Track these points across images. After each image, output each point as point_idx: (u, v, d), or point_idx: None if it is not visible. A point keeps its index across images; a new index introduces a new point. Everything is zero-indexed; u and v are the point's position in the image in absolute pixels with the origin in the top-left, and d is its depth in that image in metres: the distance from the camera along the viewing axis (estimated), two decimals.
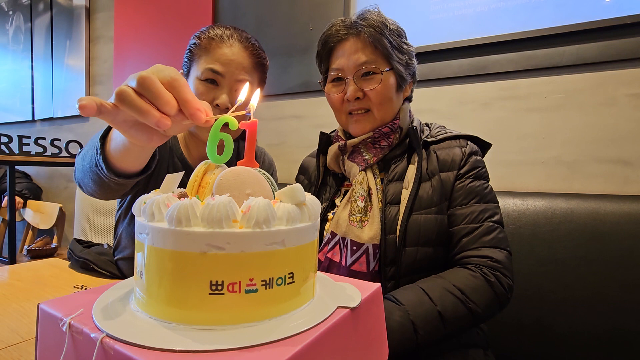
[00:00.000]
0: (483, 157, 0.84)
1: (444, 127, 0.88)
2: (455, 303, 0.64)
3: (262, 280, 0.30)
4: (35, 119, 2.92)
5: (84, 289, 0.73)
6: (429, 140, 0.81)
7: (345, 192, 0.83)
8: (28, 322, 0.56)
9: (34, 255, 2.10)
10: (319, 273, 0.43)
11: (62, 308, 0.33)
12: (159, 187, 0.39)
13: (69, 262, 0.90)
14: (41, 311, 0.34)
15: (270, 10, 1.78)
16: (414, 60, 0.84)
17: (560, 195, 1.07)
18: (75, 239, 0.96)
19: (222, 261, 0.29)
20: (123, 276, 0.87)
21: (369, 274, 0.73)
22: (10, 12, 3.04)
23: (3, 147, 2.08)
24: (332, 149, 0.86)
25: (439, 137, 0.82)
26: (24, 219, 2.54)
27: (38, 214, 2.44)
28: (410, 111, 0.87)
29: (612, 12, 1.11)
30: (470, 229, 0.73)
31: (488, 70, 1.29)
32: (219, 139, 0.38)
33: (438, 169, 0.78)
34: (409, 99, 0.88)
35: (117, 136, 0.54)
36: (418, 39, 1.38)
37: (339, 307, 0.35)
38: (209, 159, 0.38)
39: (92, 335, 0.28)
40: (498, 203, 0.79)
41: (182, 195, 0.35)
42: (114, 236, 0.93)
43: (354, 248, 0.74)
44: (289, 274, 0.32)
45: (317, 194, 0.88)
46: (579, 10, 1.15)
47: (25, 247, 2.29)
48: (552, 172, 1.21)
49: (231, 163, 0.36)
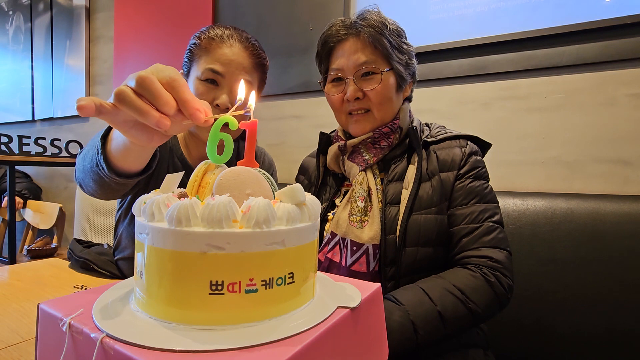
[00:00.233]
0: (483, 157, 0.84)
1: (444, 127, 0.88)
2: (455, 303, 0.64)
3: (262, 280, 0.30)
4: (35, 119, 2.92)
5: (84, 289, 0.73)
6: (429, 140, 0.81)
7: (345, 192, 0.83)
8: (28, 322, 0.56)
9: (34, 255, 2.10)
10: (319, 273, 0.43)
11: (62, 308, 0.33)
12: (159, 187, 0.39)
13: (69, 262, 0.90)
14: (41, 311, 0.34)
15: (270, 10, 1.78)
16: (414, 60, 0.84)
17: (560, 195, 1.06)
18: (75, 239, 0.96)
19: (222, 261, 0.29)
20: (123, 276, 0.87)
21: (369, 274, 0.73)
22: (10, 12, 3.04)
23: (3, 147, 2.08)
24: (332, 149, 0.86)
25: (439, 137, 0.82)
26: (24, 219, 2.53)
27: (38, 214, 2.44)
28: (410, 111, 0.87)
29: (612, 12, 1.11)
30: (470, 229, 0.73)
31: (488, 70, 1.29)
32: (219, 139, 0.37)
33: (438, 169, 0.78)
34: (408, 99, 0.88)
35: (117, 136, 0.54)
36: (418, 39, 1.38)
37: (339, 307, 0.35)
38: (209, 159, 0.38)
39: (92, 335, 0.28)
40: (498, 203, 0.79)
41: (182, 195, 0.35)
42: (114, 236, 0.93)
43: (354, 248, 0.74)
44: (289, 274, 0.32)
45: (317, 194, 0.88)
46: (579, 10, 1.15)
47: (25, 247, 2.29)
48: (552, 172, 1.21)
49: (231, 163, 0.36)
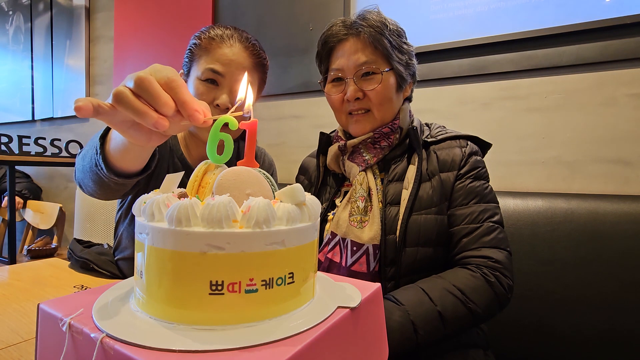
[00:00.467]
0: (483, 157, 0.84)
1: (444, 127, 0.88)
2: (455, 303, 0.64)
3: (262, 280, 0.30)
4: (35, 119, 2.92)
5: (84, 289, 0.72)
6: (429, 140, 0.81)
7: (346, 193, 0.83)
8: (28, 322, 0.56)
9: (34, 255, 2.10)
10: (319, 273, 0.43)
11: (62, 308, 0.33)
12: (159, 188, 0.39)
13: (69, 262, 0.90)
14: (41, 311, 0.34)
15: (270, 10, 1.78)
16: (414, 60, 0.84)
17: (560, 195, 1.06)
18: (75, 239, 0.96)
19: (222, 261, 0.29)
20: (123, 276, 0.87)
21: (369, 275, 0.73)
22: (10, 12, 3.04)
23: (3, 147, 2.08)
24: (332, 149, 0.86)
25: (439, 137, 0.82)
26: (24, 219, 2.53)
27: (38, 214, 2.44)
28: (410, 111, 0.87)
29: (612, 12, 1.11)
30: (470, 229, 0.73)
31: (488, 70, 1.29)
32: (219, 139, 0.37)
33: (438, 169, 0.78)
34: (409, 99, 0.88)
35: (116, 136, 0.54)
36: (418, 39, 1.38)
37: (339, 307, 0.35)
38: (209, 159, 0.38)
39: (92, 335, 0.28)
40: (498, 203, 0.79)
41: (182, 195, 0.35)
42: (114, 236, 0.93)
43: (354, 248, 0.74)
44: (289, 274, 0.32)
45: (317, 194, 0.88)
46: (579, 10, 1.15)
47: (25, 247, 2.29)
48: (552, 172, 1.21)
49: (231, 163, 0.36)
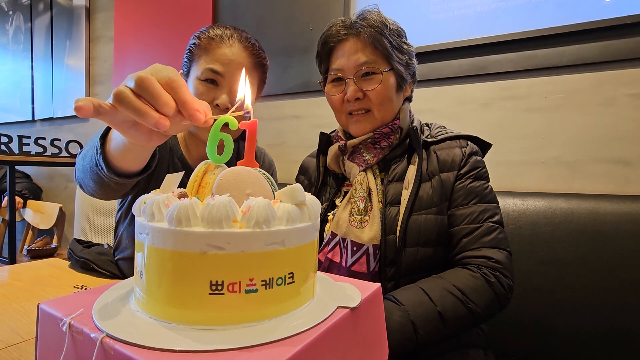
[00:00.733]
0: (483, 157, 0.84)
1: (444, 127, 0.88)
2: (455, 303, 0.64)
3: (262, 280, 0.30)
4: (35, 119, 2.92)
5: (84, 289, 0.72)
6: (429, 140, 0.81)
7: (346, 193, 0.83)
8: (28, 322, 0.56)
9: (34, 255, 2.10)
10: (319, 273, 0.43)
11: (62, 308, 0.33)
12: (159, 188, 0.39)
13: (69, 262, 0.90)
14: (41, 311, 0.34)
15: (270, 10, 1.78)
16: (414, 60, 0.84)
17: (560, 195, 1.06)
18: (75, 239, 0.96)
19: (222, 261, 0.29)
20: (123, 276, 0.87)
21: (369, 275, 0.73)
22: (10, 12, 3.04)
23: (3, 147, 2.08)
24: (332, 149, 0.86)
25: (439, 138, 0.82)
26: (24, 219, 2.53)
27: (38, 214, 2.44)
28: (410, 111, 0.87)
29: (612, 12, 1.11)
30: (470, 229, 0.73)
31: (488, 70, 1.29)
32: (219, 139, 0.37)
33: (438, 169, 0.78)
34: (409, 99, 0.88)
35: (117, 136, 0.54)
36: (418, 39, 1.38)
37: (339, 307, 0.35)
38: (209, 159, 0.38)
39: (92, 335, 0.28)
40: (498, 203, 0.79)
41: (182, 195, 0.35)
42: (115, 236, 0.93)
43: (354, 249, 0.74)
44: (289, 274, 0.32)
45: (317, 195, 0.88)
46: (579, 10, 1.15)
47: (25, 247, 2.29)
48: (552, 172, 1.21)
49: (231, 163, 0.36)
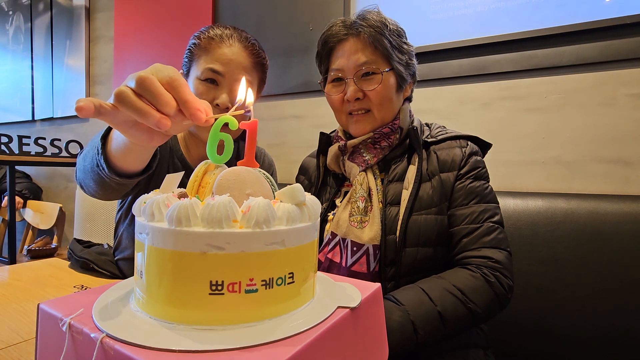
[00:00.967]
0: (483, 157, 0.84)
1: (444, 127, 0.88)
2: (455, 303, 0.64)
3: (262, 280, 0.30)
4: (35, 119, 2.92)
5: (84, 289, 0.72)
6: (429, 140, 0.81)
7: (346, 193, 0.83)
8: (28, 322, 0.56)
9: (34, 255, 2.10)
10: (319, 273, 0.43)
11: (62, 308, 0.33)
12: (159, 188, 0.39)
13: (69, 262, 0.90)
14: (41, 311, 0.34)
15: (270, 10, 1.78)
16: (414, 60, 0.84)
17: (560, 195, 1.06)
18: (75, 239, 0.96)
19: (222, 261, 0.29)
20: (123, 276, 0.87)
21: (369, 275, 0.73)
22: (10, 12, 3.04)
23: (3, 147, 2.08)
24: (332, 149, 0.86)
25: (439, 138, 0.82)
26: (24, 219, 2.53)
27: (38, 214, 2.44)
28: (410, 111, 0.87)
29: (612, 12, 1.11)
30: (470, 229, 0.73)
31: (488, 70, 1.29)
32: (219, 139, 0.37)
33: (438, 170, 0.78)
34: (409, 99, 0.88)
35: (117, 136, 0.54)
36: (418, 39, 1.38)
37: (339, 307, 0.35)
38: (209, 159, 0.38)
39: (92, 335, 0.28)
40: (498, 203, 0.79)
41: (182, 195, 0.35)
42: (115, 236, 0.93)
43: (354, 249, 0.74)
44: (289, 274, 0.32)
45: (317, 195, 0.88)
46: (579, 10, 1.15)
47: (25, 247, 2.29)
48: (552, 172, 1.21)
49: (231, 163, 0.36)
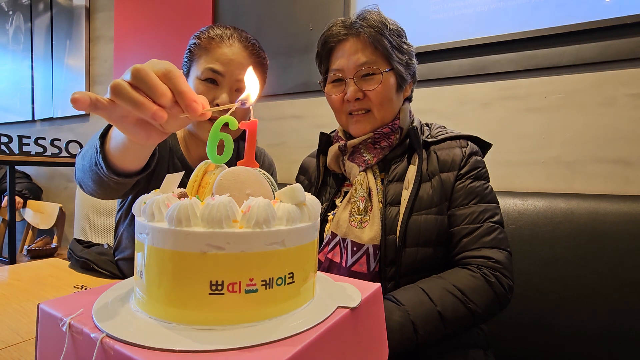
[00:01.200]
0: (483, 157, 0.84)
1: (444, 127, 0.88)
2: (455, 303, 0.64)
3: (262, 280, 0.30)
4: (35, 119, 2.92)
5: (84, 289, 0.72)
6: (429, 140, 0.81)
7: (346, 193, 0.83)
8: (28, 322, 0.56)
9: (34, 255, 2.10)
10: (319, 273, 0.43)
11: (62, 308, 0.33)
12: (159, 188, 0.39)
13: (69, 262, 0.90)
14: (41, 311, 0.34)
15: (270, 10, 1.78)
16: (414, 60, 0.84)
17: (560, 195, 1.06)
18: (75, 239, 0.96)
19: (222, 261, 0.29)
20: (123, 276, 0.87)
21: (369, 275, 0.73)
22: (10, 12, 3.04)
23: (3, 147, 2.08)
24: (332, 149, 0.86)
25: (439, 138, 0.82)
26: (24, 219, 2.53)
27: (38, 214, 2.44)
28: (410, 111, 0.87)
29: (612, 12, 1.11)
30: (470, 229, 0.73)
31: (488, 70, 1.29)
32: (219, 139, 0.37)
33: (438, 169, 0.78)
34: (409, 99, 0.88)
35: (116, 135, 0.54)
36: (418, 39, 1.38)
37: (339, 307, 0.35)
38: (209, 159, 0.38)
39: (92, 335, 0.28)
40: (498, 203, 0.78)
41: (182, 195, 0.35)
42: (115, 236, 0.93)
43: (354, 249, 0.74)
44: (289, 274, 0.32)
45: (317, 194, 0.88)
46: (579, 10, 1.15)
47: (25, 247, 2.29)
48: (552, 172, 1.21)
49: (231, 163, 0.36)
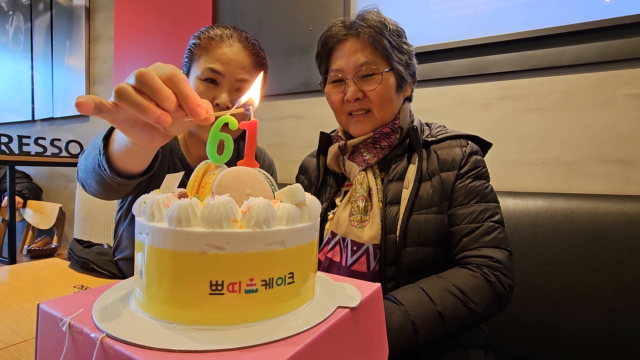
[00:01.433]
0: (483, 156, 0.84)
1: (444, 126, 0.88)
2: (456, 303, 0.64)
3: (262, 280, 0.30)
4: (35, 119, 2.92)
5: (84, 289, 0.72)
6: (429, 140, 0.81)
7: (346, 192, 0.83)
8: (28, 322, 0.56)
9: (34, 255, 2.10)
10: (319, 273, 0.43)
11: (62, 308, 0.33)
12: (159, 188, 0.39)
13: (69, 262, 0.90)
14: (41, 311, 0.34)
15: (270, 10, 1.78)
16: (414, 60, 0.84)
17: (560, 195, 1.06)
18: (75, 239, 0.96)
19: (222, 261, 0.29)
20: (123, 276, 0.87)
21: (369, 274, 0.73)
22: (10, 12, 3.04)
23: (3, 147, 2.08)
24: (333, 149, 0.86)
25: (439, 137, 0.82)
26: (24, 219, 2.53)
27: (38, 214, 2.44)
28: (410, 111, 0.87)
29: (612, 12, 1.11)
30: (470, 228, 0.73)
31: (488, 70, 1.29)
32: (219, 139, 0.37)
33: (438, 169, 0.78)
34: (409, 99, 0.88)
35: (119, 137, 0.54)
36: (418, 39, 1.38)
37: (339, 307, 0.35)
38: (209, 159, 0.38)
39: (92, 335, 0.28)
40: (498, 203, 0.78)
41: (182, 195, 0.35)
42: (115, 236, 0.93)
43: (354, 248, 0.74)
44: (289, 274, 0.32)
45: (317, 194, 0.88)
46: (579, 10, 1.15)
47: (25, 247, 2.29)
48: (552, 172, 1.21)
49: (231, 163, 0.36)
